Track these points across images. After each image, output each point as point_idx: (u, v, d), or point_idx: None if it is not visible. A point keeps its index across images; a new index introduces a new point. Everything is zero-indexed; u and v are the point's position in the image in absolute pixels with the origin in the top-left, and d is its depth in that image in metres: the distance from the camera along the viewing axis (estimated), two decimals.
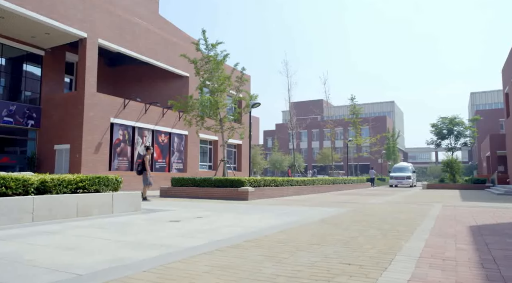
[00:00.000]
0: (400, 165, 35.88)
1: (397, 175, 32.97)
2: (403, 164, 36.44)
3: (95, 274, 2.87)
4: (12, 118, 18.11)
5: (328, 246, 4.14)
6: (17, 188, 6.14)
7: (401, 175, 32.89)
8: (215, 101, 15.92)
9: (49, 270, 2.99)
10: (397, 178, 32.83)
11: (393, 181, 33.00)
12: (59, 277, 2.77)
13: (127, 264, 3.20)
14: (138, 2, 26.43)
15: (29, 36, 18.39)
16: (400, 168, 34.59)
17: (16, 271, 2.99)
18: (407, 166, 35.23)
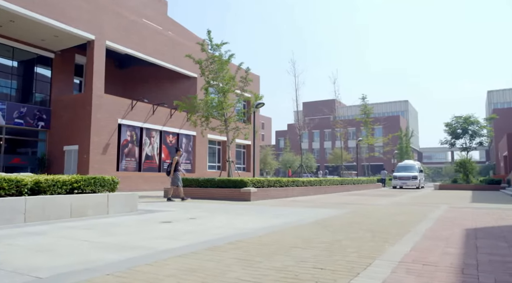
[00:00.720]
0: (405, 164, 30.89)
1: (401, 175, 28.46)
2: (408, 162, 31.19)
3: (56, 277, 2.83)
4: (23, 119, 18.47)
5: (310, 249, 4.02)
6: (10, 189, 6.20)
7: (406, 175, 28.39)
8: (219, 101, 15.91)
9: (12, 273, 2.96)
10: (401, 178, 28.38)
11: (397, 182, 28.55)
12: (18, 281, 2.74)
13: (94, 267, 3.15)
14: (146, 4, 26.66)
15: (39, 39, 18.73)
16: (405, 167, 29.80)
17: None
18: (413, 164, 30.40)
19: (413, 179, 28.03)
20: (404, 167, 29.84)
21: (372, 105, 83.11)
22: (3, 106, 17.75)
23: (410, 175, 28.26)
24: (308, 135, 73.20)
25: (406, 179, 28.07)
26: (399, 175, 28.56)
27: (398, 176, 28.56)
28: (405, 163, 31.13)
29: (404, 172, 28.73)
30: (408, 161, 32.30)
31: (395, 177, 28.61)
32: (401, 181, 28.28)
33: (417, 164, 31.02)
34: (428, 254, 3.75)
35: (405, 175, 28.36)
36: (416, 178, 28.04)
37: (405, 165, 30.23)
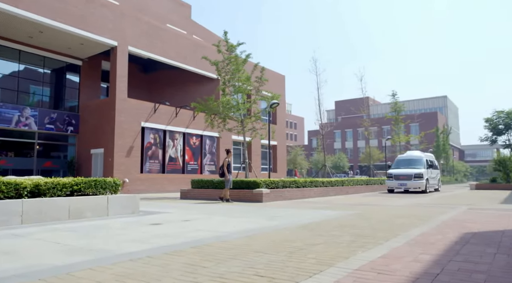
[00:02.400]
0: (408, 156, 21.41)
1: (399, 173, 19.48)
2: (413, 154, 21.54)
3: None
4: (54, 125, 19.42)
5: (272, 254, 3.83)
6: (8, 192, 6.47)
7: (406, 172, 19.24)
8: (235, 102, 15.89)
9: None
10: (398, 178, 19.36)
11: (392, 182, 19.69)
12: None
13: (34, 271, 3.16)
14: (170, 9, 27.24)
15: (66, 48, 19.63)
16: (407, 161, 20.64)
17: None
18: (419, 157, 20.72)
19: (416, 179, 18.73)
20: (406, 160, 20.70)
21: (406, 102, 79.94)
22: (35, 112, 18.76)
23: (411, 172, 18.92)
24: (341, 134, 71.77)
25: (406, 179, 18.95)
26: (395, 173, 19.50)
27: (395, 174, 19.47)
28: (408, 155, 21.47)
29: (404, 168, 19.76)
30: (413, 152, 22.10)
31: (390, 175, 19.65)
32: (398, 181, 19.22)
33: (424, 156, 20.77)
34: (395, 261, 3.45)
35: (404, 172, 19.20)
36: (420, 176, 18.68)
37: (408, 158, 20.90)
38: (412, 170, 19.20)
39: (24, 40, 18.43)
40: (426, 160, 20.25)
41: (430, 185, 19.79)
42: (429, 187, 19.64)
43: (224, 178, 12.29)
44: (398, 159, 21.46)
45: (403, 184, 19.06)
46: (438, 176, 22.15)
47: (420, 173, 18.85)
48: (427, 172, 19.38)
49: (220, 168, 12.63)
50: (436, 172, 21.85)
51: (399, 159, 21.41)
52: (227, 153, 12.76)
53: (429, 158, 21.56)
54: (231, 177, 12.33)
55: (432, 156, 22.65)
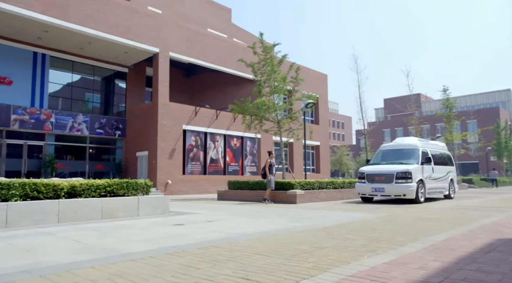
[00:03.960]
0: (395, 145, 13.88)
1: (372, 171, 12.57)
2: (402, 142, 13.88)
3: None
4: (103, 129, 20.67)
5: (272, 257, 3.76)
6: (47, 193, 6.97)
7: (383, 170, 12.35)
8: (271, 103, 15.86)
9: None
10: (371, 178, 12.46)
11: (363, 186, 12.63)
12: None
13: (41, 267, 3.37)
14: (211, 14, 27.86)
15: (114, 56, 20.81)
16: (392, 152, 13.49)
17: None
18: (409, 146, 13.31)
19: (400, 181, 11.77)
20: (391, 152, 13.52)
21: (462, 98, 74.90)
22: (87, 118, 20.10)
23: (392, 170, 12.04)
24: (391, 133, 68.96)
25: (384, 181, 12.06)
26: (368, 172, 12.61)
27: (368, 173, 12.60)
28: (395, 144, 13.88)
29: (385, 164, 12.89)
30: (404, 139, 14.29)
31: (362, 175, 12.80)
32: (372, 185, 12.27)
33: (427, 146, 13.89)
34: (397, 268, 3.24)
35: (381, 170, 12.35)
36: (407, 176, 11.75)
37: (394, 148, 13.60)
38: (395, 166, 12.10)
39: (76, 51, 19.81)
40: (423, 151, 12.73)
41: (430, 190, 12.64)
42: (428, 193, 12.52)
43: (266, 179, 12.46)
44: (381, 150, 13.84)
45: (379, 190, 11.88)
46: (450, 176, 14.28)
47: (406, 171, 11.57)
48: (421, 169, 12.11)
49: (262, 169, 12.89)
50: (446, 170, 14.04)
51: (382, 150, 13.82)
52: (269, 154, 12.95)
53: (431, 148, 13.80)
54: (272, 178, 12.41)
55: (440, 146, 15.00)
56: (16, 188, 6.60)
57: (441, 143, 15.74)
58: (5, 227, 6.16)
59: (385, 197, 12.50)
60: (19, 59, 18.21)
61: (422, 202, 11.89)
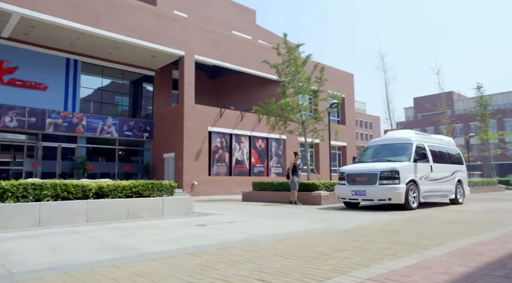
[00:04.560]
0: (386, 140, 11.45)
1: (353, 170, 10.37)
2: (394, 136, 11.42)
3: (21, 273, 3.25)
4: (131, 132, 21.24)
5: (291, 259, 3.74)
6: (77, 193, 7.24)
7: (364, 169, 10.12)
8: (295, 104, 15.79)
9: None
10: (352, 179, 10.23)
11: (343, 189, 10.44)
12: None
13: (66, 265, 3.51)
14: (235, 16, 28.06)
15: (141, 61, 21.36)
16: (383, 148, 11.15)
17: None
18: (402, 140, 10.85)
19: (385, 182, 9.54)
20: (381, 147, 11.30)
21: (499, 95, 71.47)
22: (116, 121, 20.72)
23: (375, 169, 9.85)
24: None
25: (365, 182, 9.90)
26: (349, 171, 10.52)
27: (348, 172, 10.49)
28: (387, 138, 11.61)
29: (369, 163, 10.64)
30: (396, 133, 11.88)
31: (342, 175, 10.68)
32: (352, 187, 10.13)
33: (414, 140, 10.75)
34: (418, 273, 3.13)
35: (362, 169, 10.20)
36: (393, 176, 9.48)
37: (385, 143, 11.34)
38: (379, 164, 9.95)
39: (106, 57, 20.48)
40: (419, 146, 10.46)
41: (427, 193, 10.29)
42: (424, 197, 10.18)
43: (290, 180, 12.50)
44: (370, 145, 11.71)
45: (360, 193, 9.78)
46: (457, 176, 11.83)
47: (392, 169, 9.43)
48: (413, 168, 9.89)
49: (288, 170, 12.85)
50: (451, 170, 11.60)
51: (370, 145, 11.67)
52: (295, 155, 12.91)
53: (432, 143, 11.41)
54: (296, 179, 12.36)
55: (445, 141, 12.43)
56: (48, 188, 6.89)
57: (446, 138, 13.03)
58: (38, 225, 6.44)
59: (368, 202, 9.95)
60: (54, 66, 19.03)
61: (414, 208, 9.55)
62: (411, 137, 10.84)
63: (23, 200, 6.56)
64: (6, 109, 17.19)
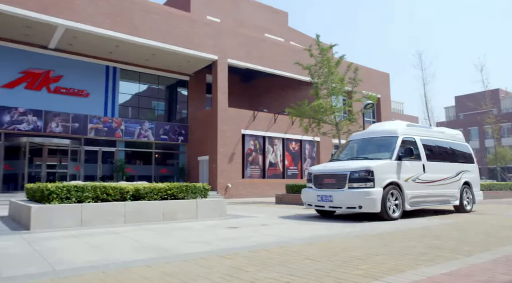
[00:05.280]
0: (367, 133, 9.55)
1: (321, 171, 8.48)
2: (377, 129, 9.45)
3: (65, 271, 3.42)
4: (167, 135, 21.82)
5: (322, 262, 3.68)
6: (115, 195, 7.52)
7: (332, 169, 8.19)
8: (329, 105, 15.58)
9: (45, 263, 3.71)
10: (319, 181, 8.37)
11: (309, 193, 8.56)
12: (39, 270, 3.42)
13: (104, 264, 3.66)
14: (268, 19, 28.16)
15: (176, 66, 21.92)
16: (362, 143, 9.36)
17: (30, 262, 3.82)
18: (385, 134, 8.85)
19: (355, 184, 7.60)
20: (360, 143, 9.44)
21: None
22: (152, 125, 21.38)
23: (344, 169, 7.89)
24: (463, 133, 63.87)
25: (333, 185, 7.99)
26: (316, 172, 8.62)
27: (315, 173, 8.59)
28: (369, 131, 9.67)
29: (343, 161, 8.69)
30: (383, 124, 10.05)
31: (309, 176, 8.80)
32: (318, 192, 8.26)
33: (425, 132, 9.54)
34: (459, 280, 2.98)
35: (332, 170, 8.19)
36: (367, 177, 7.48)
37: (366, 137, 9.39)
38: (352, 163, 8.14)
39: (142, 63, 21.21)
40: (406, 140, 8.56)
41: (416, 199, 8.30)
42: (412, 204, 8.18)
43: None
44: (350, 140, 9.93)
45: (326, 198, 8.01)
46: (463, 178, 9.76)
47: (365, 169, 7.57)
48: (395, 167, 7.96)
49: None
50: (454, 169, 9.58)
51: (350, 140, 9.89)
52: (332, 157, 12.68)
53: (428, 136, 9.40)
54: None
55: (447, 135, 10.26)
56: (89, 190, 7.21)
57: (451, 131, 10.68)
58: (80, 225, 6.76)
59: (337, 210, 8.06)
60: (94, 73, 19.95)
61: (395, 218, 7.57)
62: (397, 129, 8.79)
63: (66, 201, 6.91)
64: (52, 116, 18.21)
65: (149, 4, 18.86)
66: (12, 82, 17.61)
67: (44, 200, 6.89)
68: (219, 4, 25.61)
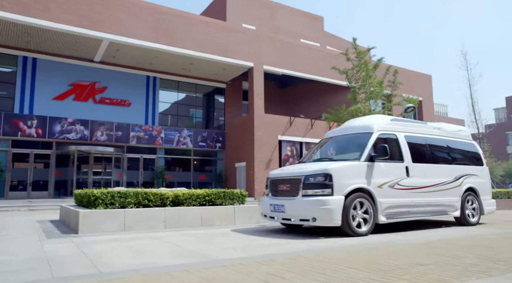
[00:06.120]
0: (341, 130, 8.10)
1: (280, 175, 6.95)
2: (352, 123, 8.07)
3: (109, 273, 3.56)
4: (205, 143, 22.25)
5: (363, 271, 3.56)
6: (155, 201, 7.74)
7: (290, 173, 6.81)
8: (367, 109, 15.23)
9: (91, 264, 3.87)
10: (275, 188, 6.95)
11: (265, 202, 7.16)
12: (85, 272, 3.58)
13: (146, 267, 3.76)
14: (303, 25, 28.12)
15: (212, 74, 22.38)
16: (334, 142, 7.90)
17: (78, 264, 4.01)
18: (361, 129, 7.34)
19: (309, 192, 6.19)
20: (332, 142, 7.99)
21: None
22: (190, 133, 21.90)
23: (300, 173, 6.50)
24: None
25: (287, 192, 6.61)
26: (274, 176, 7.16)
27: (273, 177, 7.19)
28: (343, 128, 8.15)
29: (305, 164, 7.21)
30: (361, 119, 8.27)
31: (267, 182, 7.45)
32: (273, 199, 6.91)
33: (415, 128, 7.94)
34: None
35: (288, 174, 6.84)
36: (324, 182, 6.06)
37: (338, 135, 7.95)
38: (310, 166, 6.72)
39: (180, 72, 21.84)
40: (383, 137, 7.04)
41: (393, 210, 6.69)
42: (388, 215, 6.57)
43: None
44: (324, 138, 8.52)
45: (278, 208, 6.63)
46: (465, 183, 8.11)
47: (321, 173, 6.19)
48: (362, 170, 6.48)
49: None
50: (453, 173, 8.01)
51: (324, 138, 8.53)
52: None
53: (418, 132, 7.86)
54: None
55: (447, 131, 8.62)
56: (131, 196, 7.48)
57: (451, 127, 8.90)
58: (123, 230, 7.01)
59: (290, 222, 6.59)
60: (136, 83, 20.81)
61: (362, 234, 6.13)
62: (373, 124, 7.21)
63: (111, 206, 7.20)
64: (98, 125, 19.15)
65: (188, 16, 19.45)
66: (62, 94, 18.76)
67: (90, 205, 7.23)
68: (254, 12, 25.92)
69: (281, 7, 27.61)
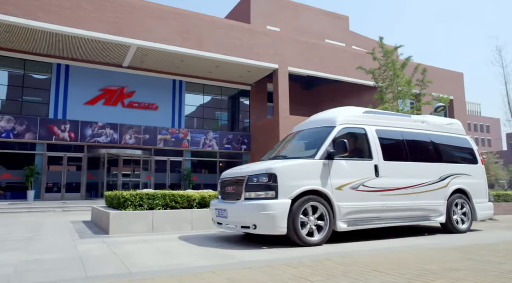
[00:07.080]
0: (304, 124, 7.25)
1: (228, 176, 6.14)
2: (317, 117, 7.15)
3: (138, 273, 3.64)
4: (230, 145, 22.42)
5: (391, 275, 3.48)
6: (182, 203, 7.87)
7: (235, 173, 6.01)
8: (395, 109, 14.86)
9: (121, 265, 3.98)
10: (222, 190, 6.24)
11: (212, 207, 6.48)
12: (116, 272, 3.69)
13: (173, 269, 3.83)
14: (328, 25, 27.86)
15: (237, 76, 22.52)
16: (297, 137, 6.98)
17: (110, 263, 4.13)
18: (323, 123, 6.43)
19: (252, 195, 5.39)
20: (296, 137, 7.06)
21: None
22: (216, 135, 22.13)
23: (243, 173, 5.74)
24: None
25: (231, 195, 5.86)
26: (224, 176, 6.32)
27: (222, 178, 6.35)
28: (308, 122, 7.23)
29: (256, 163, 6.32)
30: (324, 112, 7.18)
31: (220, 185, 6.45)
32: (217, 204, 6.20)
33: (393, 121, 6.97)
34: None
35: (233, 174, 6.03)
36: (268, 183, 5.26)
37: (301, 129, 7.10)
38: (257, 165, 5.98)
39: (206, 75, 22.12)
40: (346, 133, 6.08)
41: (357, 216, 5.78)
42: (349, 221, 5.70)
43: None
44: (293, 131, 7.54)
45: (221, 213, 5.90)
46: (452, 184, 7.05)
47: (264, 172, 5.41)
48: (317, 169, 5.59)
49: None
50: (436, 172, 6.95)
51: (293, 131, 7.51)
52: None
53: (389, 126, 6.77)
54: None
55: (433, 123, 7.58)
56: (159, 198, 7.63)
57: (439, 120, 7.94)
58: (151, 231, 7.17)
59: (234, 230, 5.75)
60: (162, 87, 21.26)
61: (316, 244, 5.32)
62: (337, 116, 6.30)
63: (139, 208, 7.38)
64: (126, 128, 19.69)
65: (214, 19, 19.68)
66: (93, 99, 19.42)
67: (120, 206, 7.43)
68: (278, 13, 25.91)
69: (305, 7, 27.47)
